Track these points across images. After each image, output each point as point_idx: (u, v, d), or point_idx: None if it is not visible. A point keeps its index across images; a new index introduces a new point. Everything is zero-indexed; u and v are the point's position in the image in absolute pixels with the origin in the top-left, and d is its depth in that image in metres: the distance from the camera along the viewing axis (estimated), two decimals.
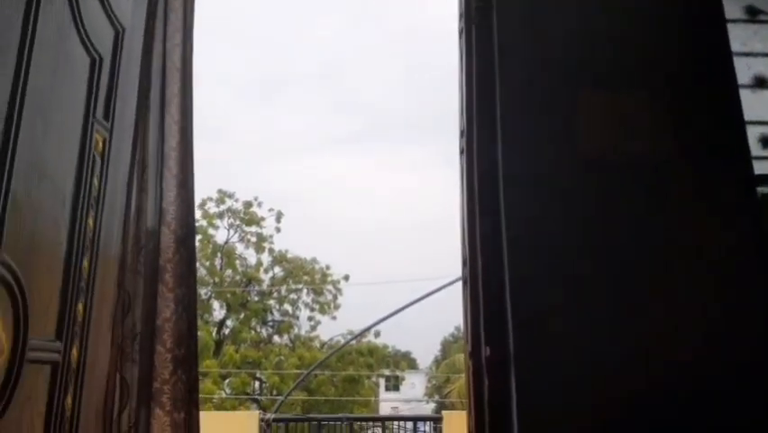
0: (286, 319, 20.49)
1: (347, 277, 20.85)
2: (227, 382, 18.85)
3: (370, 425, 11.94)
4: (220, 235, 20.01)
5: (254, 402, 18.60)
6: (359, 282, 22.17)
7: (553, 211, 1.92)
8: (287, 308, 20.62)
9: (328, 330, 20.85)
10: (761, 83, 2.16)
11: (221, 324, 20.09)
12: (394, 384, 26.01)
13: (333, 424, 8.00)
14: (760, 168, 2.02)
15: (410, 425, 8.83)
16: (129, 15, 1.73)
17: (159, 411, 2.00)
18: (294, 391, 16.83)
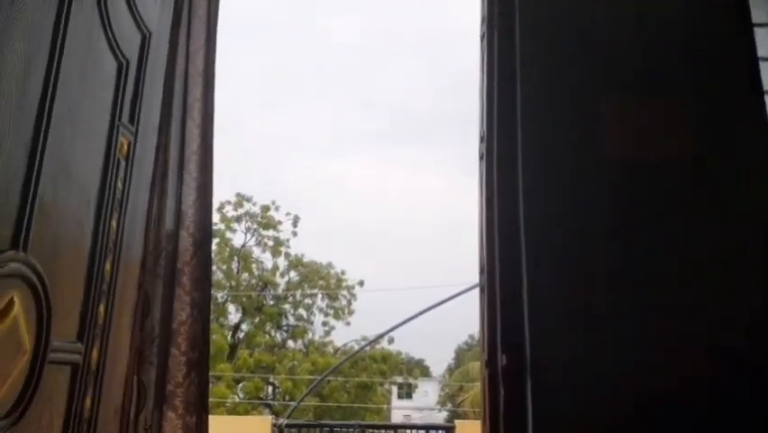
0: (300, 324, 20.49)
1: (362, 282, 20.83)
2: (240, 386, 18.87)
3: (382, 432, 11.88)
4: (237, 239, 20.10)
5: (267, 407, 18.59)
6: (373, 288, 22.14)
7: (572, 218, 1.90)
8: (301, 312, 20.64)
9: (342, 336, 20.83)
10: None
11: (236, 327, 20.14)
12: (407, 392, 25.85)
13: (345, 431, 7.98)
14: None
15: None
16: (155, 20, 1.75)
17: (171, 414, 2.01)
18: (306, 397, 16.81)
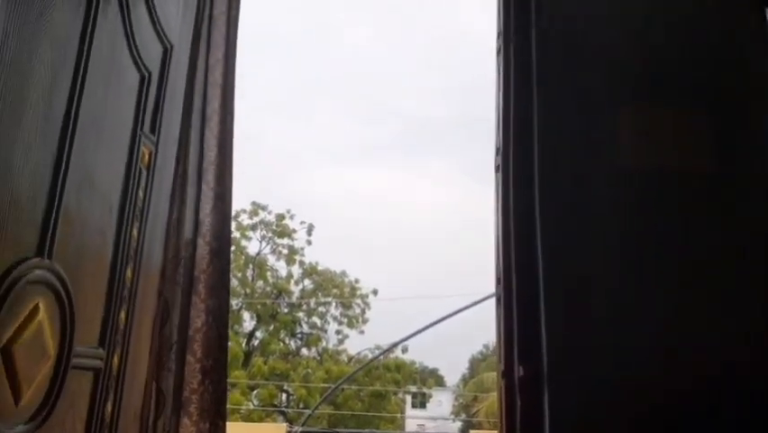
0: (314, 332, 20.53)
1: (375, 291, 20.85)
2: (255, 393, 18.92)
3: None
4: (252, 247, 20.25)
5: (281, 414, 18.61)
6: (387, 297, 22.12)
7: (589, 229, 1.90)
8: (315, 320, 20.69)
9: (356, 344, 20.83)
10: None
11: (250, 335, 20.22)
12: (420, 401, 25.73)
13: None
14: None
15: None
16: (177, 33, 1.78)
17: (186, 421, 2.02)
18: (321, 405, 16.81)
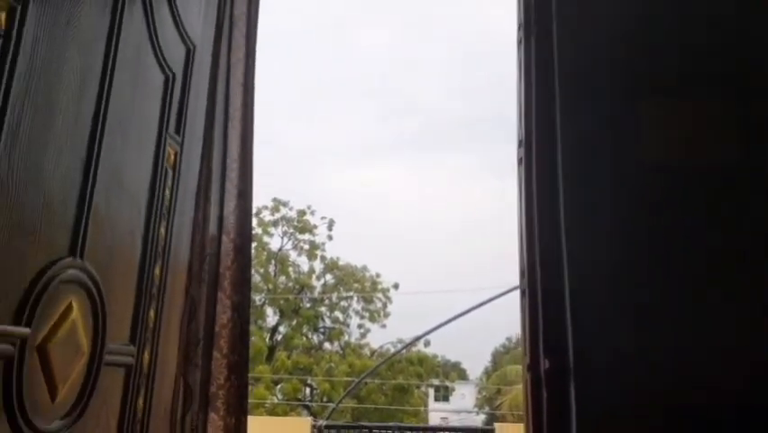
0: (336, 326, 20.63)
1: (396, 285, 20.85)
2: (279, 387, 19.09)
3: None
4: (274, 243, 20.39)
5: (305, 408, 18.76)
6: (408, 291, 22.13)
7: (614, 220, 1.89)
8: (337, 315, 20.77)
9: (378, 338, 20.89)
10: None
11: (274, 330, 20.39)
12: (443, 394, 25.74)
13: (383, 432, 8.02)
14: None
15: None
16: (199, 34, 1.80)
17: (214, 416, 2.05)
18: (344, 399, 16.91)
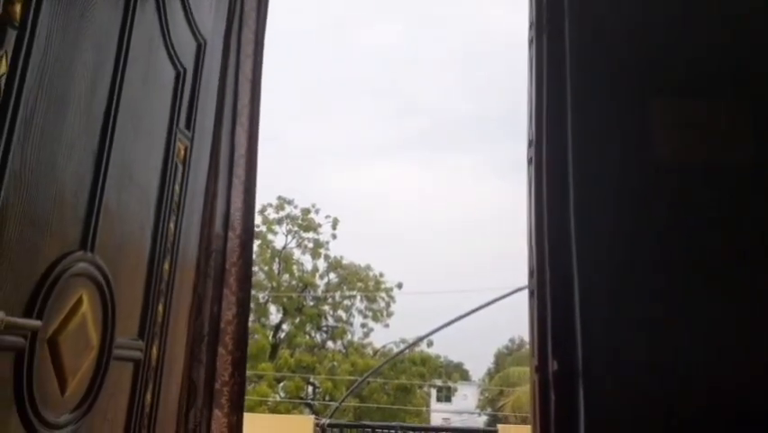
0: (339, 325, 20.63)
1: (400, 285, 20.84)
2: (281, 385, 19.11)
3: None
4: (278, 241, 20.40)
5: (307, 406, 18.77)
6: (411, 291, 22.11)
7: (624, 221, 1.87)
8: (340, 314, 20.77)
9: (381, 337, 20.87)
10: None
11: (277, 327, 20.41)
12: (446, 395, 25.72)
13: (387, 432, 8.00)
14: None
15: None
16: (210, 28, 1.80)
17: (218, 412, 2.04)
18: (346, 398, 16.91)
